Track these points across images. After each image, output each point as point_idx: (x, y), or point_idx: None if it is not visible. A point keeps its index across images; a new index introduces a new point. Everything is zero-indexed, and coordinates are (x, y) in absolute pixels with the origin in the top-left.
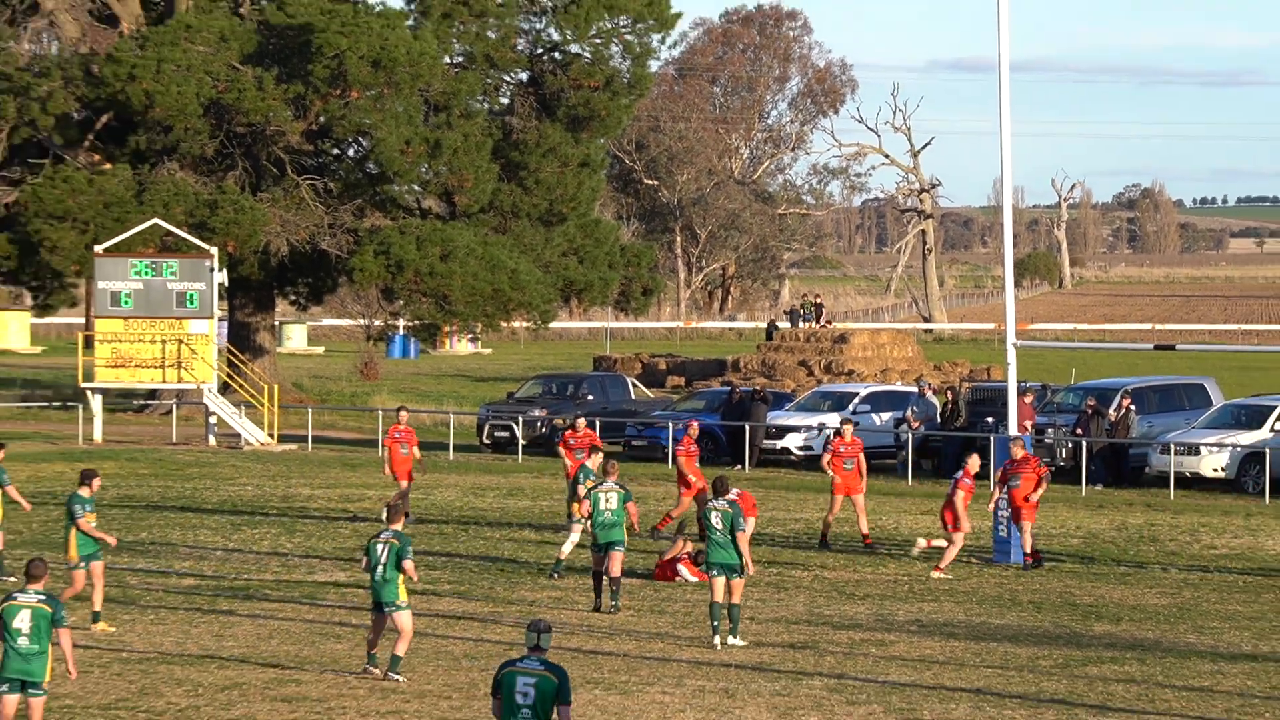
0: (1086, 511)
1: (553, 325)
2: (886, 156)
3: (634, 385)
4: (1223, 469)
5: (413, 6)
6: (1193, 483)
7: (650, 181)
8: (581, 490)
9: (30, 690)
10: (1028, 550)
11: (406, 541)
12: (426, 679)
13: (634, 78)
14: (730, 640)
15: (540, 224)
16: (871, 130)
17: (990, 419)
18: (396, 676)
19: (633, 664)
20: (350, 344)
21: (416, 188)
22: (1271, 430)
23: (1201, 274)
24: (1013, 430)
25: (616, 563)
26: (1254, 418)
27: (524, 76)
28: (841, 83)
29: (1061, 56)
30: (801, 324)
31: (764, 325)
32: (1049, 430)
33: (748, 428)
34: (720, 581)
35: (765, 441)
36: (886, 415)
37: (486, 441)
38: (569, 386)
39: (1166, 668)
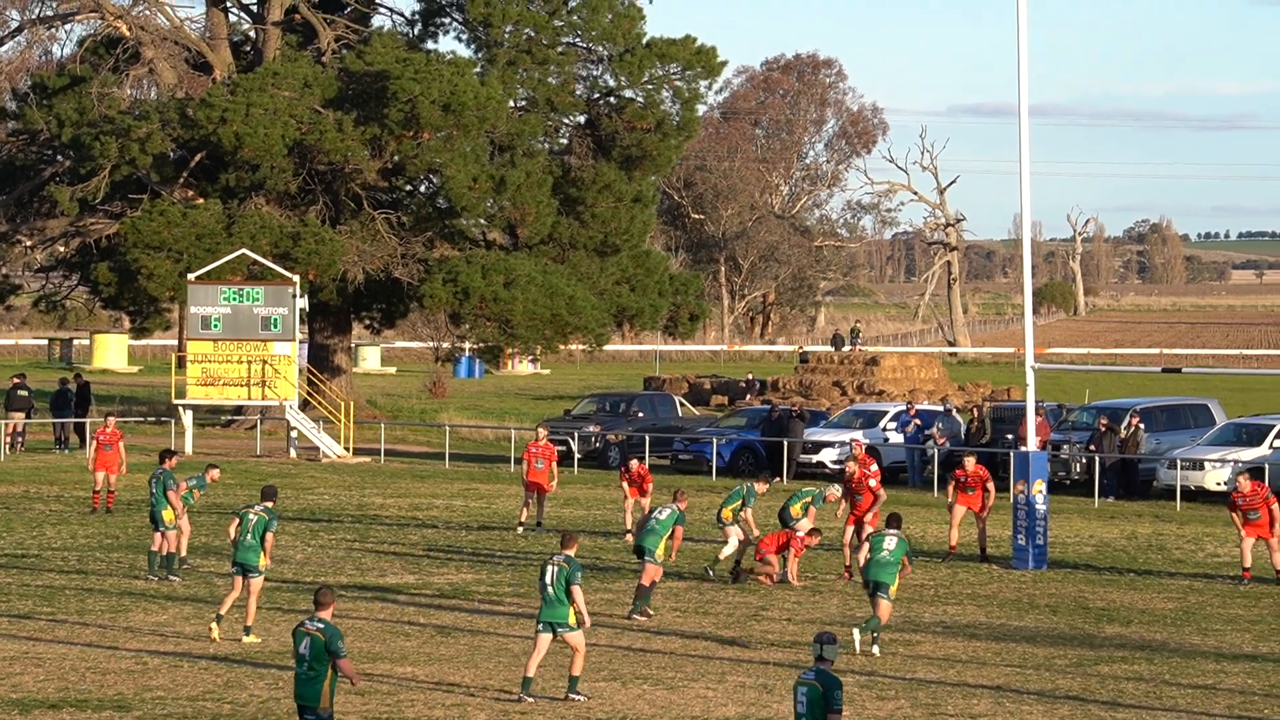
0: (1099, 522)
1: (606, 348)
2: (915, 193)
3: (681, 403)
4: (1225, 483)
5: (480, 55)
6: (1198, 496)
7: (697, 216)
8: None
9: (307, 715)
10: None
11: (576, 567)
12: (489, 674)
13: (683, 120)
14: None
15: (596, 254)
16: (901, 169)
17: (1010, 436)
18: (577, 696)
19: (678, 661)
20: (420, 364)
21: (482, 221)
22: (1271, 447)
23: (1205, 303)
24: (1031, 445)
25: (648, 573)
26: (1255, 435)
27: (582, 119)
28: (873, 125)
29: (1075, 102)
30: (845, 347)
31: (808, 348)
32: (1065, 446)
33: (786, 443)
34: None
35: (802, 456)
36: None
37: None
38: (621, 404)
39: (1173, 667)
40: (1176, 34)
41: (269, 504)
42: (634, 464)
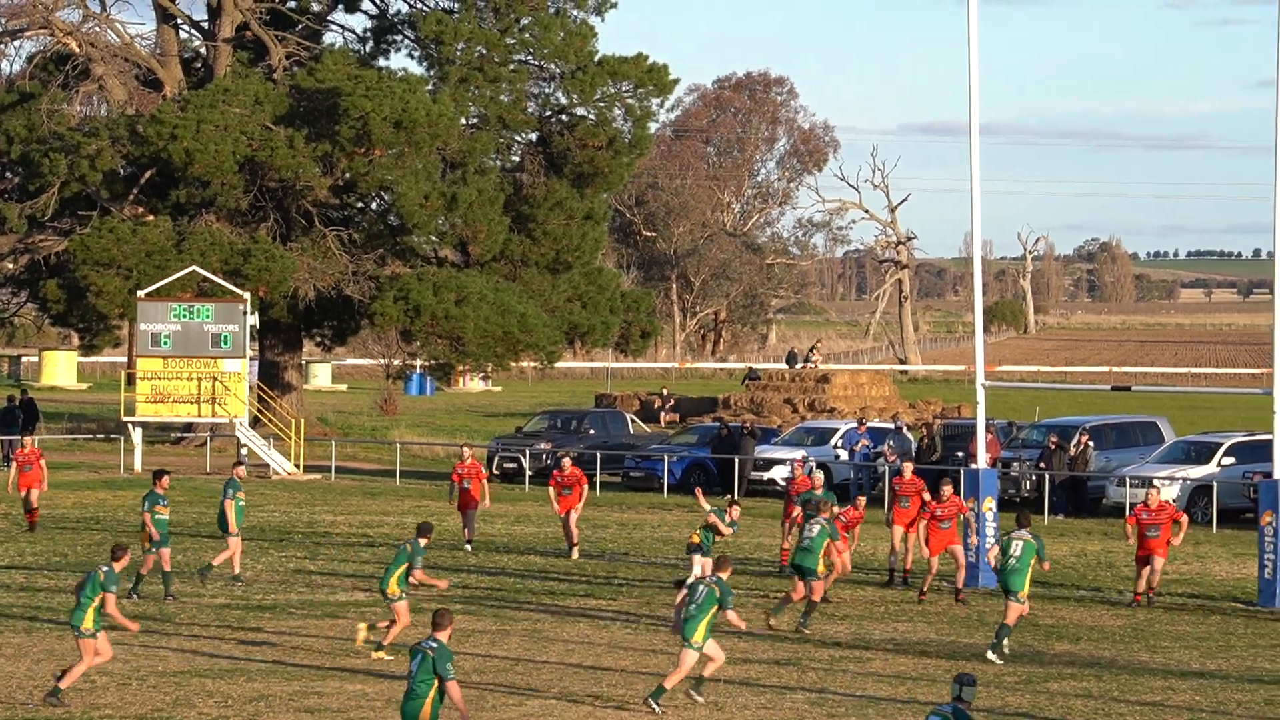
0: (1048, 539)
1: (558, 365)
2: (866, 211)
3: (632, 421)
4: (1174, 501)
5: (432, 72)
6: None
7: (649, 233)
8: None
9: None
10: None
11: (728, 591)
12: None
13: (635, 138)
14: None
15: (547, 272)
16: (853, 187)
17: (961, 453)
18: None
19: (630, 679)
20: (371, 382)
21: (434, 238)
22: (1219, 465)
23: (1155, 321)
24: (981, 463)
25: (812, 590)
26: (1203, 453)
27: (534, 136)
28: (825, 143)
29: (1026, 121)
30: (799, 364)
31: (759, 365)
32: (1014, 464)
33: (737, 460)
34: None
35: (753, 473)
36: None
37: (496, 472)
38: (572, 421)
39: (1121, 684)
40: (1126, 54)
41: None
42: (566, 462)
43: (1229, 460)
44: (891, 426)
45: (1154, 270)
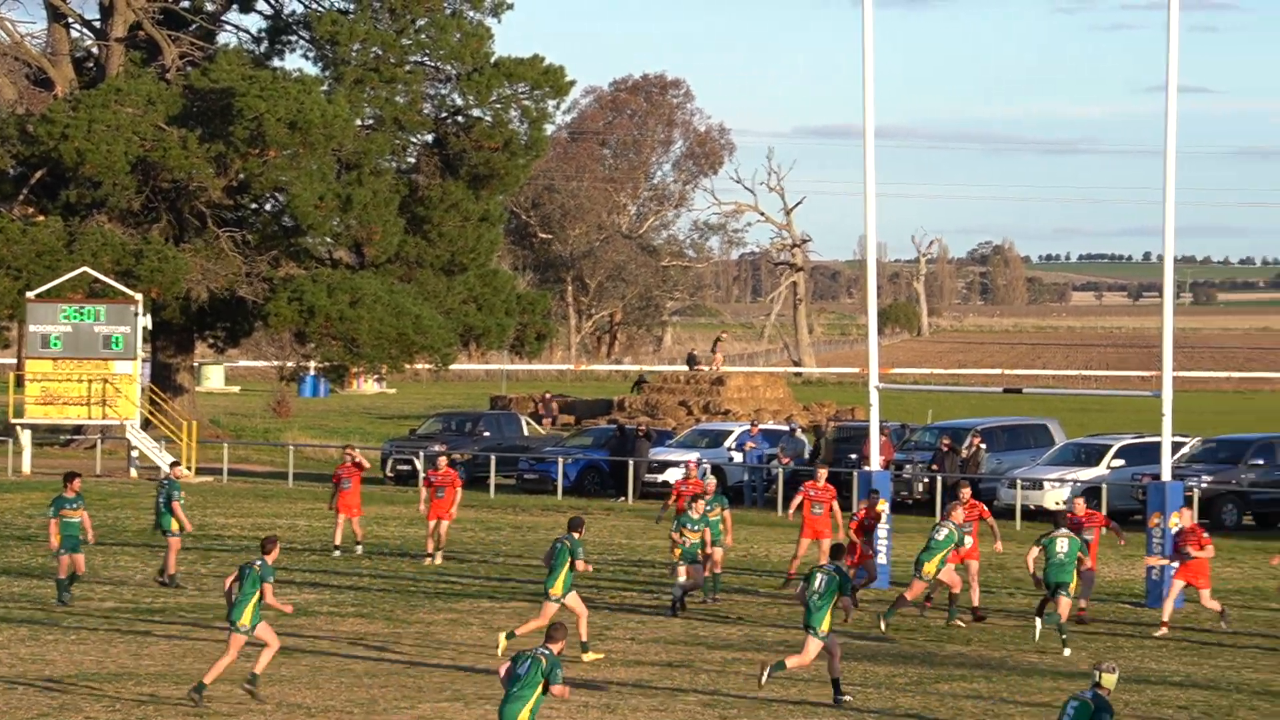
0: None
1: (453, 367)
2: (761, 214)
3: (527, 423)
4: (1064, 502)
5: (327, 73)
6: (1037, 515)
7: (545, 235)
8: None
9: None
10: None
11: (847, 579)
12: (330, 695)
13: (531, 140)
14: None
15: (443, 273)
16: (748, 190)
17: (854, 455)
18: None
19: None
20: (264, 384)
21: (328, 239)
22: (1108, 467)
23: (1046, 324)
24: (874, 465)
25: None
26: (1093, 455)
27: (429, 138)
28: (720, 146)
29: (920, 124)
30: (699, 367)
31: (653, 368)
32: (907, 466)
33: (631, 463)
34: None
35: (647, 476)
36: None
37: (390, 475)
38: (467, 424)
39: (1011, 685)
40: (1019, 58)
41: (574, 534)
42: (442, 461)
43: (1119, 462)
44: (786, 429)
45: (1046, 273)
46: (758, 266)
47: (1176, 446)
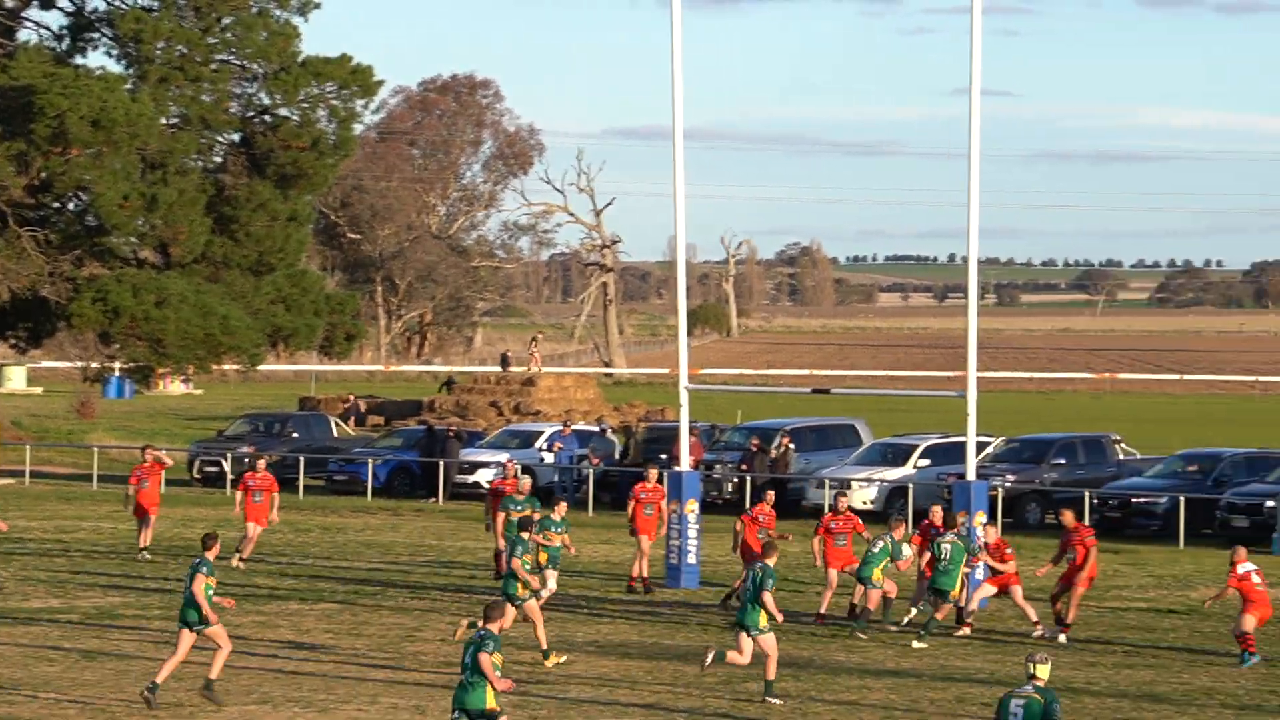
0: None
1: (261, 368)
2: (571, 215)
3: (336, 424)
4: (872, 501)
5: (131, 71)
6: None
7: (354, 235)
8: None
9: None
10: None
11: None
12: (135, 697)
13: (339, 140)
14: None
15: (250, 274)
16: (558, 190)
17: (664, 456)
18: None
19: (330, 684)
20: (68, 385)
21: (133, 239)
22: (915, 467)
23: (854, 325)
24: (684, 465)
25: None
26: (899, 455)
27: (236, 137)
28: (530, 146)
29: (729, 126)
30: (527, 353)
31: (464, 369)
32: (716, 466)
33: (442, 464)
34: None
35: (458, 476)
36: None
37: (197, 476)
38: (275, 425)
39: (819, 683)
40: (826, 60)
41: (523, 534)
42: (261, 464)
43: (925, 462)
44: (596, 429)
45: (853, 274)
46: (568, 267)
47: (981, 446)
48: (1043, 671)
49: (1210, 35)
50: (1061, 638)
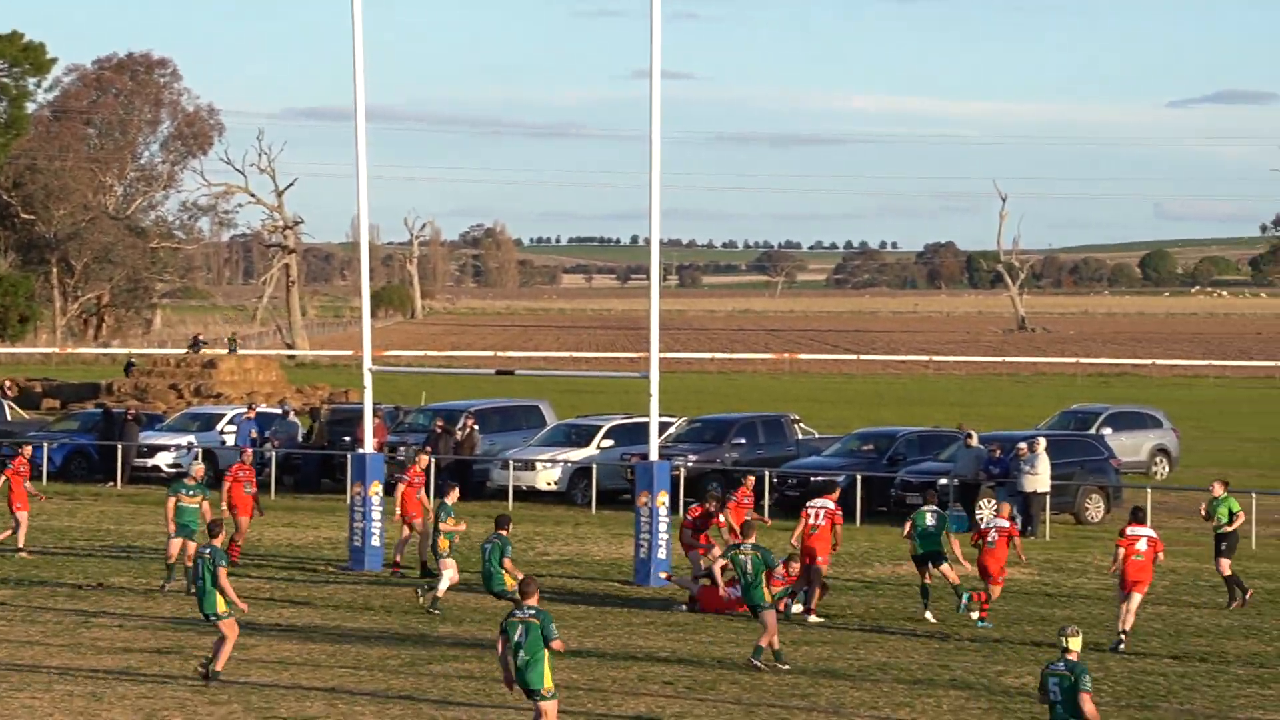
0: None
1: None
2: (252, 195)
3: (10, 407)
4: (555, 482)
5: None
6: (529, 495)
7: (27, 216)
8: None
9: (535, 696)
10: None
11: (769, 554)
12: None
13: (11, 119)
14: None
15: None
16: (239, 171)
17: (348, 438)
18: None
19: (3, 672)
20: None
21: None
22: (598, 447)
23: (538, 306)
24: (368, 447)
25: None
26: (583, 436)
27: None
28: (210, 126)
29: (412, 107)
30: (229, 352)
31: (144, 351)
32: (401, 449)
33: (120, 447)
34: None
35: (137, 460)
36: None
37: None
38: None
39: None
40: (509, 42)
41: (502, 532)
42: None
43: (608, 442)
44: (279, 412)
45: (537, 256)
46: (249, 249)
47: (663, 427)
48: (1074, 644)
49: (882, 22)
50: (811, 618)
